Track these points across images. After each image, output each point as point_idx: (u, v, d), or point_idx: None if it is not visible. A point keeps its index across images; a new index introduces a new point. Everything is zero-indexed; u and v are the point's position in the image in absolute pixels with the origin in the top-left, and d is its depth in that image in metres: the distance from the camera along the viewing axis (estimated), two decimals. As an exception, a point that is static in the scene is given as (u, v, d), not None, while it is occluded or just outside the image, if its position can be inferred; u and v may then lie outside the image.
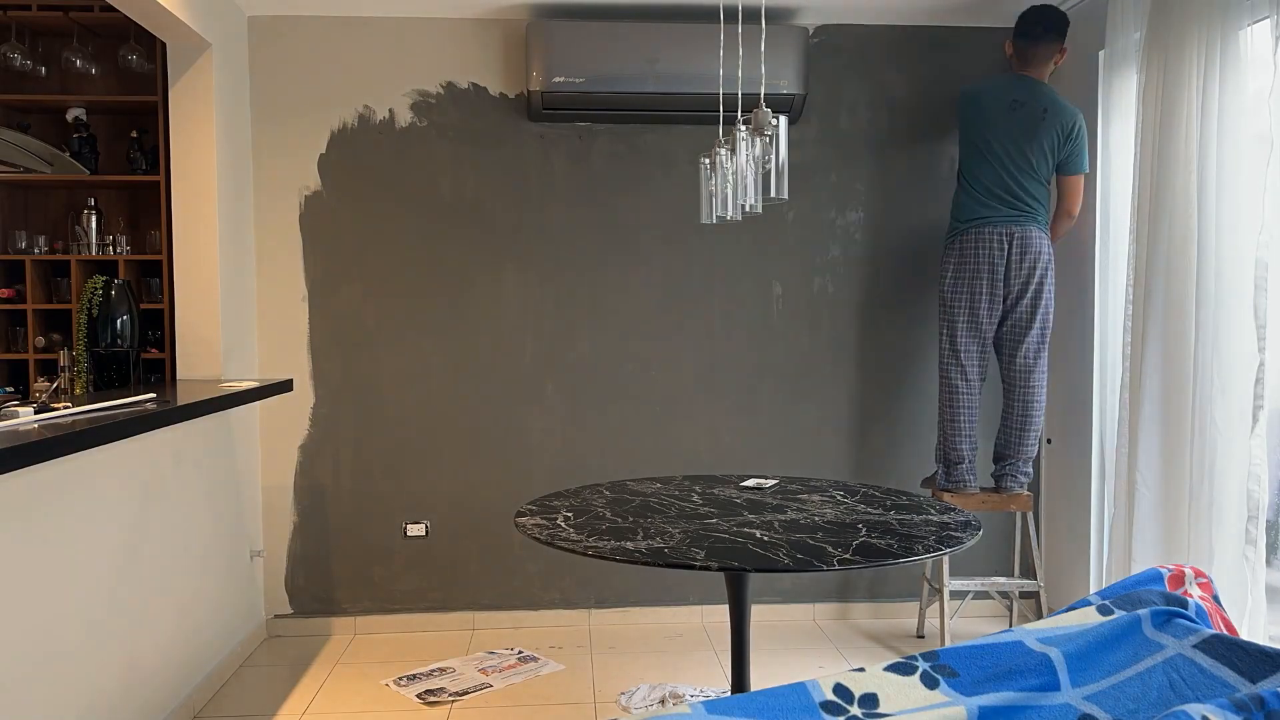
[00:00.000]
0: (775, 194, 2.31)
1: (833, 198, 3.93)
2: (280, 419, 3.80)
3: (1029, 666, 1.45)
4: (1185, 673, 1.40)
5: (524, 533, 2.37)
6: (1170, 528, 2.90)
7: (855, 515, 2.46)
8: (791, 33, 3.63)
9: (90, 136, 3.81)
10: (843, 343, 3.96)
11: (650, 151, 3.88)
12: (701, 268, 3.91)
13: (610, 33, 3.58)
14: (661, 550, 2.11)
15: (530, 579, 3.91)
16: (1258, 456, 2.68)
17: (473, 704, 3.18)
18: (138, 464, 2.75)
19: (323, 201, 3.80)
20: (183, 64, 3.38)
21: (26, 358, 3.83)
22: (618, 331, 3.90)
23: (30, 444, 1.89)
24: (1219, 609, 1.61)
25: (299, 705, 3.18)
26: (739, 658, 2.47)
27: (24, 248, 3.85)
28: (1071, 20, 3.56)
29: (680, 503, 2.62)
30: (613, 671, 3.46)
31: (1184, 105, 2.82)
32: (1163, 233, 2.90)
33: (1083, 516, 3.67)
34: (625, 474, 3.87)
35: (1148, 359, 2.95)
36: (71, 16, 3.65)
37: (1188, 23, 2.81)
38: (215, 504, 3.33)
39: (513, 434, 3.89)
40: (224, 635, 3.40)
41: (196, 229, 3.43)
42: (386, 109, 3.80)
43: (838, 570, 2.79)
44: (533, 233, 3.86)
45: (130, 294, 3.55)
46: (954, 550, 2.14)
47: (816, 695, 1.40)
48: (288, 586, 3.85)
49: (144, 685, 2.76)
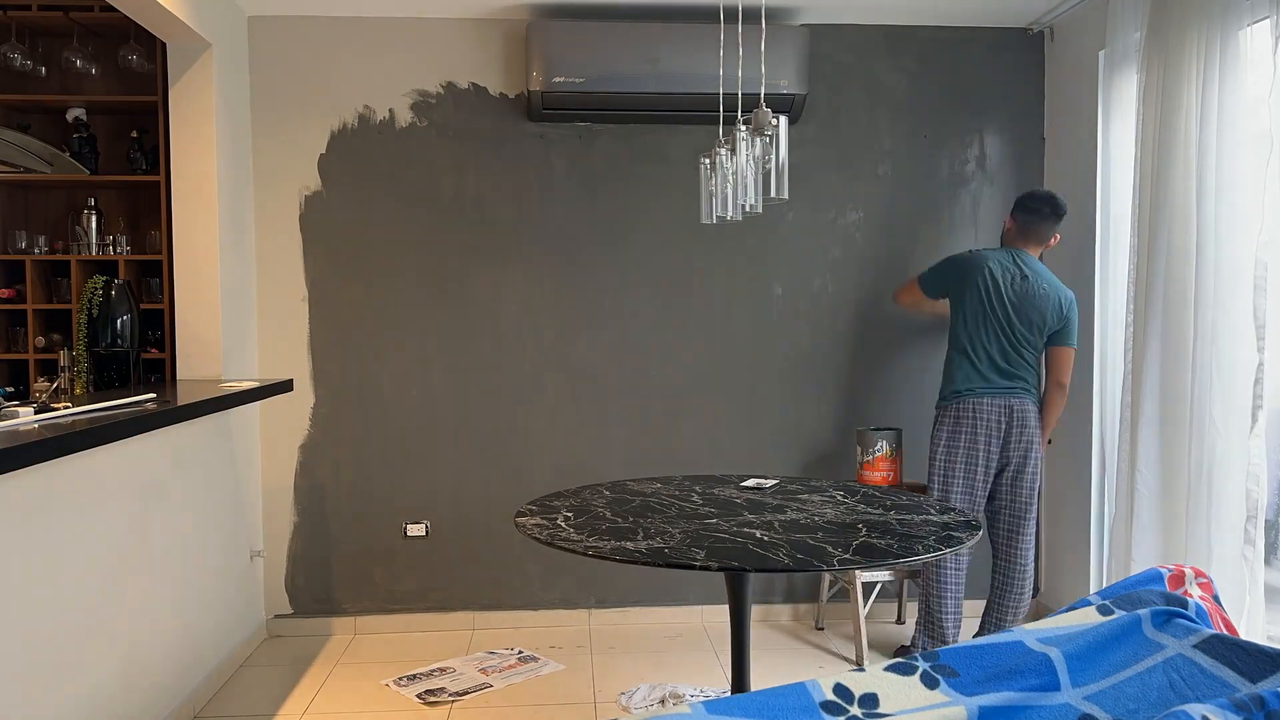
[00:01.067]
0: (775, 194, 2.31)
1: (833, 198, 3.93)
2: (280, 419, 3.80)
3: (1029, 666, 1.45)
4: (1185, 673, 1.40)
5: (524, 533, 2.37)
6: (1170, 528, 2.90)
7: (855, 515, 2.46)
8: (791, 33, 3.63)
9: (90, 136, 3.81)
10: (843, 343, 3.96)
11: (650, 151, 3.88)
12: (702, 268, 3.91)
13: (610, 33, 3.58)
14: (662, 550, 2.11)
15: (530, 579, 3.91)
16: (1257, 456, 2.68)
17: (473, 704, 3.18)
18: (138, 464, 2.75)
19: (323, 201, 3.80)
20: (183, 64, 3.38)
21: (26, 358, 3.83)
22: (618, 331, 3.90)
23: (30, 444, 1.89)
24: (1219, 609, 1.61)
25: (299, 705, 3.18)
26: (739, 658, 2.47)
27: (24, 248, 3.85)
28: (1072, 20, 3.56)
29: (680, 503, 2.62)
30: (613, 671, 3.46)
31: (1184, 105, 2.82)
32: (1163, 233, 2.90)
33: (1083, 516, 3.67)
34: (625, 474, 3.87)
35: (1147, 359, 2.95)
36: (71, 16, 3.65)
37: (1188, 23, 2.81)
38: (215, 504, 3.33)
39: (513, 434, 3.89)
40: (224, 635, 3.40)
41: (196, 229, 3.43)
42: (387, 109, 3.80)
43: (838, 570, 2.79)
44: (533, 233, 3.86)
45: (130, 294, 3.55)
46: (954, 550, 2.14)
47: (816, 695, 1.40)
48: (288, 586, 3.85)
49: (144, 685, 2.76)
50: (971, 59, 3.94)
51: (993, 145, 3.96)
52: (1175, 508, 2.88)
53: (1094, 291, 3.57)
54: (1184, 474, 2.85)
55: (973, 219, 3.97)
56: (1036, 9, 3.74)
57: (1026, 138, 3.97)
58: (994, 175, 3.97)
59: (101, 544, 2.53)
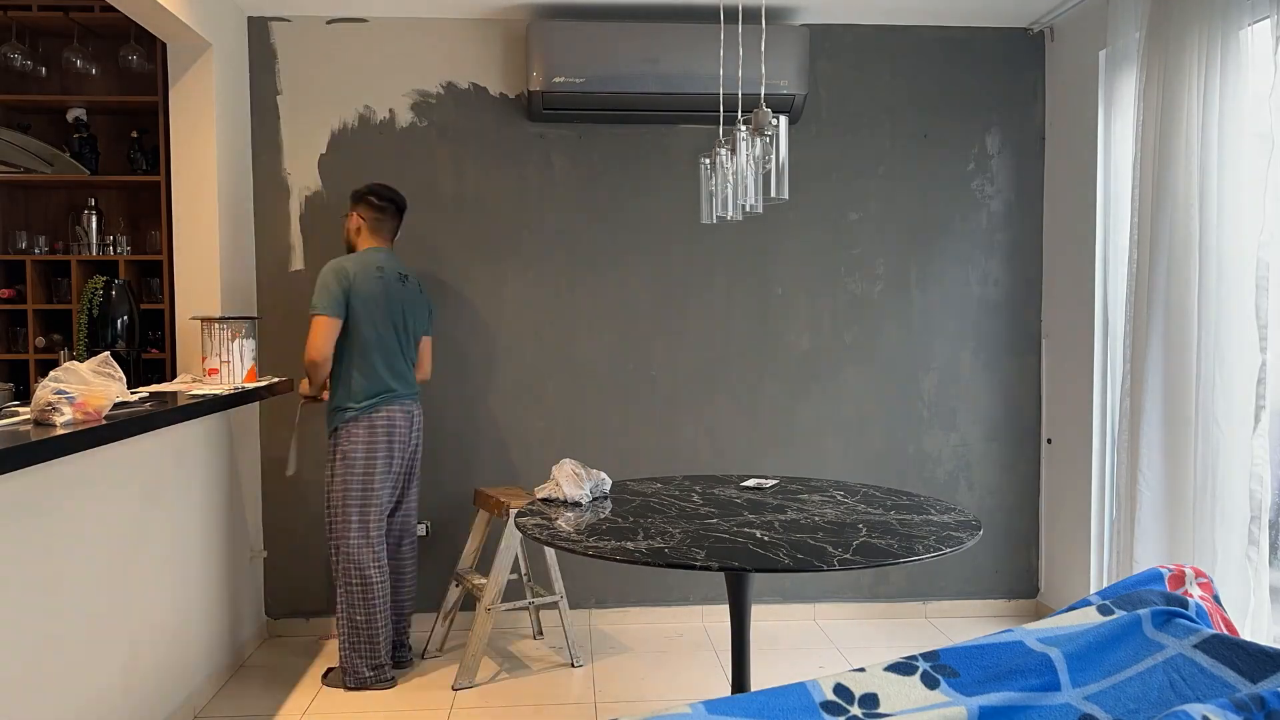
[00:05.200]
0: (775, 194, 2.31)
1: (833, 198, 3.93)
2: (281, 419, 3.80)
3: (1029, 666, 1.45)
4: (1185, 673, 1.39)
5: (524, 533, 2.37)
6: (1173, 528, 2.90)
7: (855, 515, 2.45)
8: (791, 33, 3.63)
9: (90, 136, 3.81)
10: (843, 342, 3.96)
11: (650, 151, 3.87)
12: (702, 268, 3.91)
13: (610, 33, 3.58)
14: (662, 550, 2.11)
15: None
16: (1260, 456, 2.68)
17: (472, 703, 3.18)
18: (138, 464, 2.74)
19: (323, 201, 3.80)
20: (183, 64, 3.38)
21: (27, 358, 3.83)
22: (618, 331, 3.90)
23: (30, 444, 1.89)
24: (1219, 609, 1.61)
25: (299, 705, 3.18)
26: (739, 658, 2.47)
27: (24, 248, 3.85)
28: (1072, 20, 3.55)
29: (680, 503, 2.62)
30: (613, 671, 3.45)
31: (1184, 105, 2.82)
32: (1163, 232, 2.90)
33: (1083, 516, 3.66)
34: (625, 474, 3.86)
35: (1149, 359, 2.94)
36: (71, 16, 3.65)
37: (1188, 23, 2.81)
38: (215, 504, 3.33)
39: (512, 433, 3.88)
40: (224, 635, 3.40)
41: (196, 229, 3.43)
42: (387, 109, 3.80)
43: (838, 570, 2.79)
44: (533, 233, 3.86)
45: (130, 294, 3.55)
46: (955, 550, 2.14)
47: (817, 695, 1.40)
48: (288, 586, 3.85)
49: (144, 685, 2.76)
50: (971, 59, 3.94)
51: (993, 145, 3.96)
52: (1178, 508, 2.88)
53: (1094, 291, 3.57)
54: (1187, 474, 2.84)
55: (973, 219, 3.97)
56: (1036, 9, 3.74)
57: (1026, 138, 3.97)
58: (994, 175, 3.96)
59: (101, 544, 2.53)
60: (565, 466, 2.69)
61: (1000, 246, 3.98)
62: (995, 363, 4.00)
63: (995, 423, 4.01)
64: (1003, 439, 4.01)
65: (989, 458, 4.01)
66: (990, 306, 3.99)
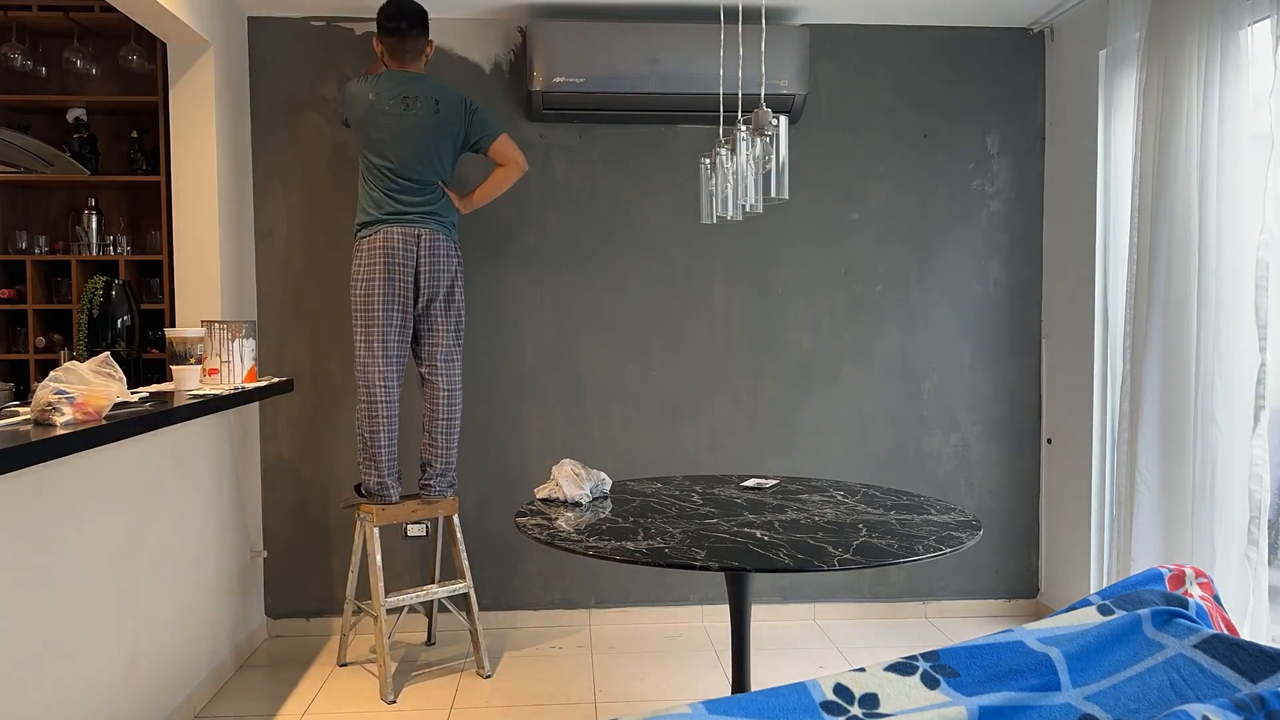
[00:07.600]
0: (776, 194, 2.31)
1: (833, 198, 3.93)
2: (281, 419, 3.80)
3: (1029, 666, 1.45)
4: (1186, 673, 1.39)
5: (524, 533, 2.37)
6: (1172, 528, 2.90)
7: (855, 515, 2.45)
8: (791, 33, 3.63)
9: (90, 137, 3.81)
10: (843, 342, 3.96)
11: (650, 151, 3.87)
12: (702, 268, 3.91)
13: (610, 33, 3.58)
14: (662, 550, 2.11)
15: (530, 579, 3.91)
16: (1259, 456, 2.68)
17: (472, 703, 3.18)
18: (138, 464, 2.75)
19: (323, 202, 3.79)
20: (183, 64, 3.38)
21: (27, 358, 3.83)
22: (618, 331, 3.90)
23: (30, 444, 1.89)
24: (1219, 609, 1.61)
25: (299, 705, 3.18)
26: (739, 658, 2.47)
27: (24, 248, 3.85)
28: (1072, 20, 3.55)
29: (681, 503, 2.62)
30: (613, 671, 3.46)
31: (1184, 105, 2.82)
32: (1163, 232, 2.90)
33: (1083, 516, 3.66)
34: (625, 474, 3.86)
35: (1149, 359, 2.95)
36: (71, 16, 3.65)
37: (1188, 23, 2.81)
38: (215, 504, 3.33)
39: (512, 433, 3.89)
40: (224, 635, 3.40)
41: (196, 229, 3.43)
42: (387, 109, 3.79)
43: (838, 570, 2.79)
44: (533, 233, 3.86)
45: (130, 294, 3.55)
46: (955, 550, 2.14)
47: (817, 695, 1.40)
48: (288, 586, 3.85)
49: (144, 685, 2.76)
50: (971, 59, 3.94)
51: (993, 145, 3.96)
52: (1177, 508, 2.88)
53: (1094, 291, 3.57)
54: (1186, 474, 2.85)
55: (973, 219, 3.97)
56: (1036, 9, 3.74)
57: (1026, 138, 3.97)
58: (994, 175, 3.96)
59: (101, 544, 2.53)
60: (565, 466, 2.70)
61: (1000, 246, 3.98)
62: (995, 363, 4.00)
63: (995, 423, 4.01)
64: (1003, 439, 4.01)
65: (989, 458, 4.01)
66: (990, 306, 3.99)
